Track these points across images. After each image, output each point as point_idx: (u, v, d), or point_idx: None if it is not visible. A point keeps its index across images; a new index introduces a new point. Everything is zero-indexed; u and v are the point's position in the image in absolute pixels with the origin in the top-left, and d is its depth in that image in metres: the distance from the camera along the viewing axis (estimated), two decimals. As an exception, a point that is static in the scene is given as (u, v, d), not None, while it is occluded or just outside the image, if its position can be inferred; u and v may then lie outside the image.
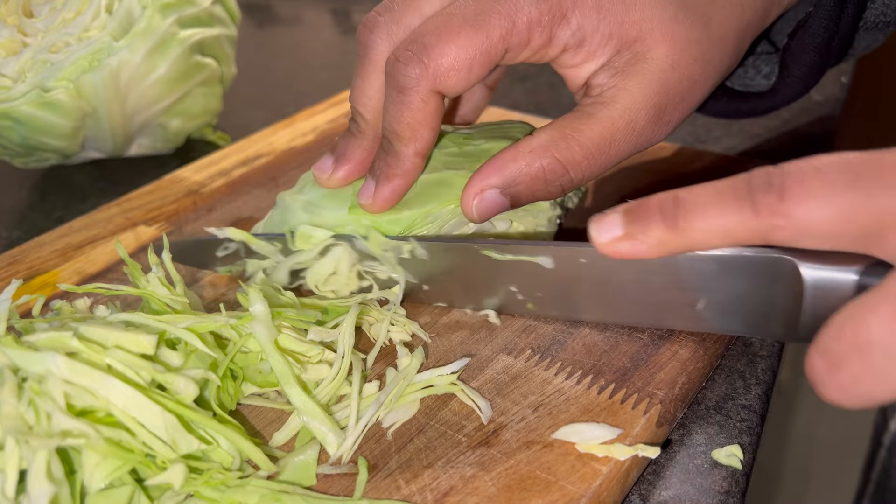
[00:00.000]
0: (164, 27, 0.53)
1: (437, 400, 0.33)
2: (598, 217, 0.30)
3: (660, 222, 0.28)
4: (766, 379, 0.37)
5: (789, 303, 0.30)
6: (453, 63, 0.34)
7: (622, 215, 0.29)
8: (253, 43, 0.89)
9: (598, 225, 0.29)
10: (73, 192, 0.58)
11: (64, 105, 0.52)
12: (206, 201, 0.51)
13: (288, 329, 0.34)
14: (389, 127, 0.36)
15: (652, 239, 0.28)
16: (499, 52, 0.35)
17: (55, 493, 0.26)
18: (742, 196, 0.26)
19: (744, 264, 0.30)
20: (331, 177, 0.39)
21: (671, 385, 0.33)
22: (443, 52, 0.34)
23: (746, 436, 0.33)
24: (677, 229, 0.28)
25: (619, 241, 0.29)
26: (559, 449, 0.30)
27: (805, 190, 0.25)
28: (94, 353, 0.29)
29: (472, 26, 0.34)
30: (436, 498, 0.28)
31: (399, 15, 0.37)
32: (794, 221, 0.25)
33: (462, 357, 0.35)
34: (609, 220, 0.29)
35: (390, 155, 0.36)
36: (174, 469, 0.28)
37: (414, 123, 0.35)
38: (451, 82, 0.34)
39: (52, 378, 0.27)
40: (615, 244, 0.29)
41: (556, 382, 0.34)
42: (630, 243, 0.29)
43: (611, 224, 0.29)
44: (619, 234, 0.29)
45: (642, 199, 0.29)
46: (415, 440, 0.31)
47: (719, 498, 0.30)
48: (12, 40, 0.53)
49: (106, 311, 0.35)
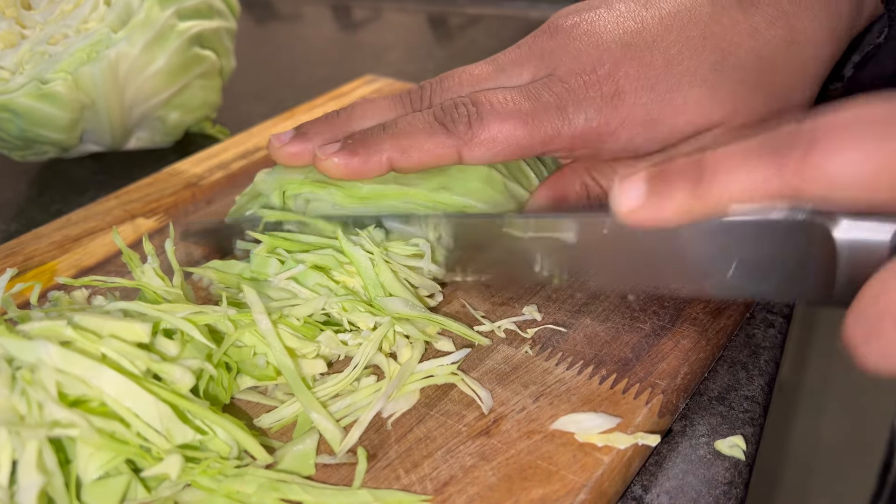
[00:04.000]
0: (162, 19, 0.53)
1: (437, 390, 0.33)
2: (619, 184, 0.28)
3: (683, 187, 0.26)
4: (769, 370, 0.36)
5: (823, 266, 0.28)
6: (489, 139, 0.36)
7: (643, 181, 0.27)
8: (253, 38, 0.89)
9: (618, 192, 0.27)
10: (72, 186, 0.58)
11: (62, 97, 0.51)
12: (205, 194, 0.50)
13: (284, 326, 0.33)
14: (400, 131, 0.36)
15: (675, 205, 0.26)
16: (535, 151, 0.37)
17: (45, 483, 0.25)
18: (768, 153, 0.24)
19: (773, 228, 0.28)
20: (283, 147, 0.38)
21: (673, 375, 0.33)
22: (489, 127, 0.36)
23: (749, 426, 0.33)
24: (700, 193, 0.26)
25: (640, 209, 0.27)
26: (560, 439, 0.30)
27: (833, 143, 0.23)
28: (88, 342, 0.28)
29: (523, 121, 0.36)
30: (436, 487, 0.28)
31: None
32: (823, 178, 0.23)
33: (463, 347, 0.35)
34: (630, 186, 0.27)
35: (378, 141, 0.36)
36: (170, 460, 0.27)
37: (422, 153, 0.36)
38: (477, 153, 0.36)
39: (43, 367, 0.27)
40: (637, 212, 0.27)
41: (557, 372, 0.33)
42: (652, 210, 0.27)
43: (632, 191, 0.27)
44: (640, 202, 0.27)
45: (664, 163, 0.27)
46: (415, 430, 0.31)
47: (722, 489, 0.30)
48: (10, 32, 0.53)
49: (104, 301, 0.35)
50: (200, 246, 0.43)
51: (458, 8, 0.98)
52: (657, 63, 0.36)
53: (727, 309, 0.37)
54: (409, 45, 0.89)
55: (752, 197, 0.25)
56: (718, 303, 0.37)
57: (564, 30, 0.38)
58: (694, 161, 0.26)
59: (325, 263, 0.36)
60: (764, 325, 0.39)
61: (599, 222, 0.32)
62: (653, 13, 0.37)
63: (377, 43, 0.90)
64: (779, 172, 0.24)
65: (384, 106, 0.40)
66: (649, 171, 0.27)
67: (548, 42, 0.38)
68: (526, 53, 0.39)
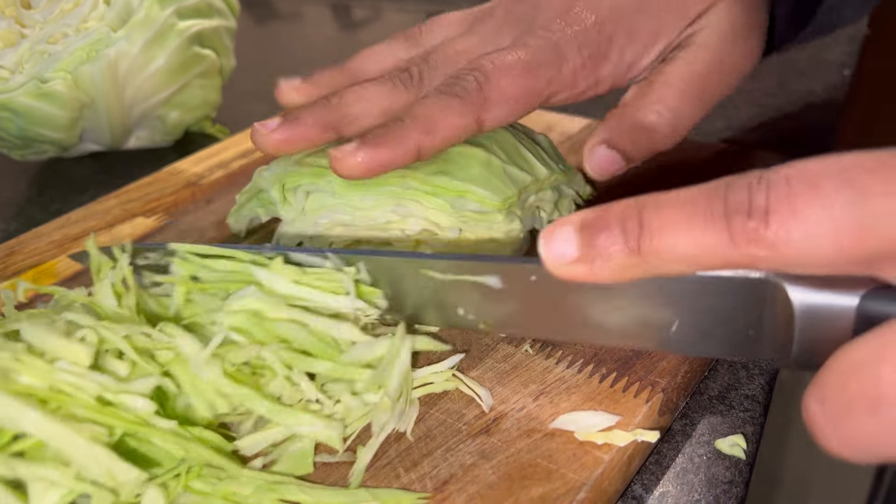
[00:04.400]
0: (162, 18, 0.53)
1: (436, 389, 0.33)
2: (548, 231, 0.25)
3: (622, 244, 0.24)
4: (769, 369, 0.36)
5: (778, 328, 0.25)
6: (501, 95, 0.37)
7: (576, 232, 0.24)
8: (252, 37, 0.89)
9: (547, 241, 0.25)
10: (72, 185, 0.58)
11: (62, 96, 0.51)
12: (205, 193, 0.50)
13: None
14: (419, 115, 0.36)
15: (612, 264, 0.24)
16: (543, 95, 0.38)
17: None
18: (717, 216, 0.22)
19: (722, 286, 0.26)
20: (270, 134, 0.37)
21: (673, 374, 0.33)
22: (498, 84, 0.36)
23: (750, 425, 0.33)
24: (641, 254, 0.23)
25: (572, 263, 0.24)
26: (560, 437, 0.30)
27: (794, 210, 0.20)
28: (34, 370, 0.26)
29: (526, 69, 0.37)
30: (435, 486, 0.28)
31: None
32: (780, 250, 0.21)
33: (459, 352, 0.35)
34: (560, 236, 0.25)
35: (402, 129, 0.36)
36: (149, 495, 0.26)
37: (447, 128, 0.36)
38: (494, 113, 0.37)
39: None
40: (568, 266, 0.25)
41: (558, 371, 0.33)
42: (586, 266, 0.24)
43: (563, 241, 0.25)
44: (573, 255, 0.24)
45: (600, 211, 0.24)
46: (414, 429, 0.31)
47: (722, 487, 0.30)
48: (10, 31, 0.53)
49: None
50: None
51: (458, 6, 0.98)
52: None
53: (727, 308, 0.37)
54: (409, 44, 0.89)
55: (698, 262, 0.23)
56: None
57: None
58: (634, 210, 0.24)
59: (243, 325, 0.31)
60: (764, 323, 0.39)
61: (526, 269, 0.29)
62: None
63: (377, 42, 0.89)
64: (731, 239, 0.22)
65: (375, 91, 0.39)
66: (583, 219, 0.25)
67: (517, 6, 0.40)
68: (501, 19, 0.40)
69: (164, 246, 0.35)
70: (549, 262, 0.25)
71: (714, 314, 0.27)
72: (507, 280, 0.30)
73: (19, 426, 0.25)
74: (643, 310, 0.28)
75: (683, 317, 0.28)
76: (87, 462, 0.26)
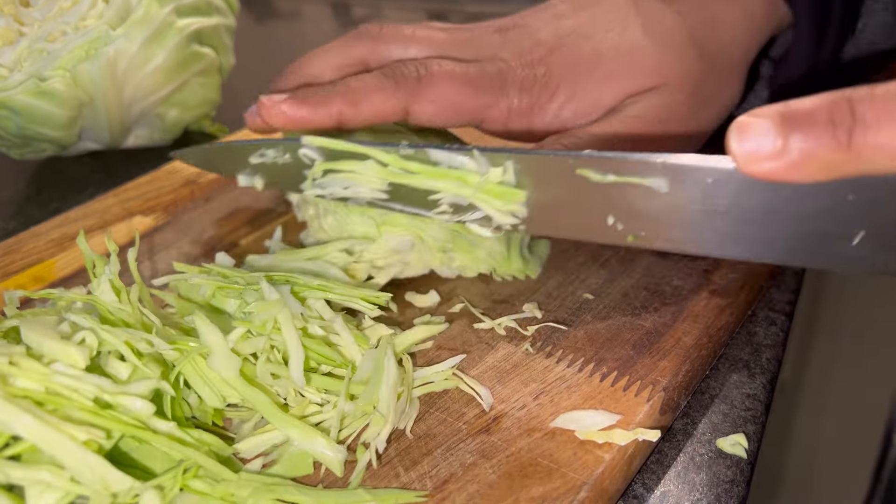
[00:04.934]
0: (161, 16, 0.53)
1: (436, 388, 0.33)
2: (741, 123, 0.23)
3: (831, 138, 0.21)
4: (771, 368, 0.36)
5: None
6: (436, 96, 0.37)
7: (777, 123, 0.22)
8: (252, 36, 0.89)
9: (741, 133, 0.23)
10: (70, 184, 0.57)
11: (60, 94, 0.51)
12: (204, 191, 0.50)
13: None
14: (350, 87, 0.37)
15: (818, 160, 0.22)
16: (475, 117, 0.39)
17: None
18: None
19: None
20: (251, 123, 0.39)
21: (674, 373, 0.33)
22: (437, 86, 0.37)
23: (751, 425, 0.33)
24: (851, 149, 0.21)
25: (770, 158, 0.22)
26: (561, 436, 0.30)
27: None
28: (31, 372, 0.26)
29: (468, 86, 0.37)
30: (435, 485, 0.28)
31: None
32: None
33: (459, 353, 0.35)
34: (757, 128, 0.22)
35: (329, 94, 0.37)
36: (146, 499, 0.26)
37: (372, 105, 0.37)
38: (424, 109, 0.37)
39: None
40: (764, 162, 0.22)
41: (558, 370, 0.33)
42: (785, 162, 0.22)
43: (760, 134, 0.22)
44: (770, 149, 0.22)
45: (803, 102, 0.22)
46: (414, 427, 0.31)
47: (724, 487, 0.30)
48: (9, 29, 0.52)
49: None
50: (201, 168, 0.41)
51: (459, 5, 0.98)
52: (585, 49, 0.39)
53: (729, 307, 0.37)
54: (409, 43, 0.88)
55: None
56: (720, 300, 0.37)
57: (508, 27, 0.41)
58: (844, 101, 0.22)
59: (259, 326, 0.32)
60: (766, 322, 0.39)
61: (703, 170, 0.26)
62: (587, 12, 0.41)
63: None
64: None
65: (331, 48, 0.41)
66: (783, 110, 0.22)
67: (492, 35, 0.41)
68: (475, 37, 0.41)
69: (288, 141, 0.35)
70: (741, 158, 0.23)
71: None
72: (677, 183, 0.27)
73: (13, 431, 0.25)
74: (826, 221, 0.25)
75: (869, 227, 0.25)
76: (80, 469, 0.25)
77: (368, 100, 0.37)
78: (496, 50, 0.40)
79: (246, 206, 0.48)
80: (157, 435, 0.27)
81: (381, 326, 0.35)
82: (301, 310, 0.33)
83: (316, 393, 0.31)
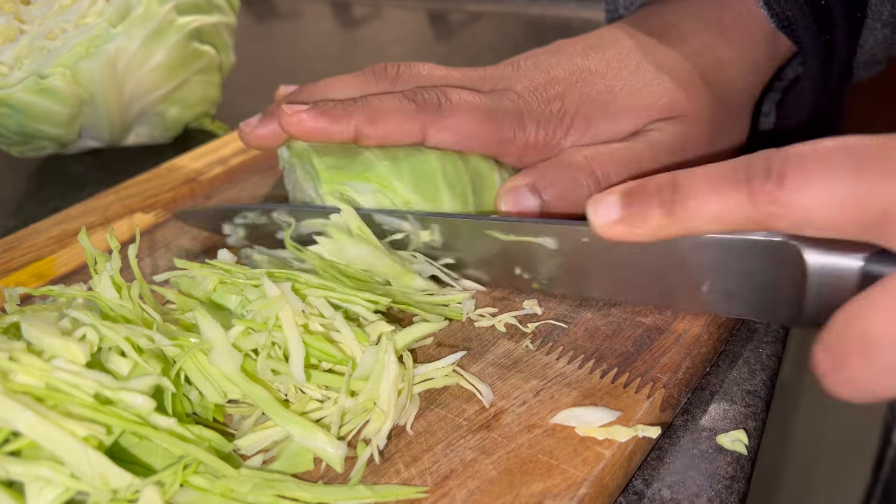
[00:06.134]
0: (161, 14, 0.53)
1: (436, 384, 0.33)
2: (596, 198, 0.29)
3: (657, 207, 0.28)
4: (771, 365, 0.36)
5: (794, 288, 0.29)
6: (455, 124, 0.38)
7: (620, 197, 0.29)
8: (252, 34, 0.89)
9: (595, 206, 0.29)
10: (70, 182, 0.58)
11: (60, 92, 0.51)
12: (204, 189, 0.50)
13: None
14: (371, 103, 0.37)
15: (649, 224, 0.28)
16: (492, 149, 0.40)
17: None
18: (740, 182, 0.26)
19: (746, 248, 0.30)
20: (253, 132, 0.40)
21: (675, 369, 0.33)
22: (456, 114, 0.38)
23: (751, 421, 0.33)
24: (674, 215, 0.27)
25: (616, 224, 0.29)
26: (561, 433, 0.30)
27: (805, 177, 0.24)
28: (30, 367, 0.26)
29: (487, 118, 0.38)
30: (436, 481, 0.28)
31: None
32: (792, 210, 0.25)
33: (459, 350, 0.35)
34: (606, 201, 0.29)
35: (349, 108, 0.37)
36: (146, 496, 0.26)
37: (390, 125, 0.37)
38: (441, 136, 0.38)
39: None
40: (612, 227, 0.29)
41: (558, 367, 0.33)
42: (627, 226, 0.28)
43: (608, 206, 0.29)
44: (615, 217, 0.28)
45: (640, 182, 0.28)
46: (414, 424, 0.31)
47: (724, 483, 0.30)
48: (9, 27, 0.52)
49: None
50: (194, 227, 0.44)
51: (459, 4, 0.98)
52: (598, 86, 0.41)
53: (729, 303, 0.37)
54: (409, 41, 0.89)
55: (724, 221, 0.27)
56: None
57: (523, 65, 0.42)
58: (668, 180, 0.28)
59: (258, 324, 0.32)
60: (766, 319, 0.39)
61: (579, 231, 0.33)
62: (599, 53, 0.42)
63: (377, 39, 0.90)
64: (751, 200, 0.25)
65: (347, 80, 0.41)
66: (624, 188, 0.29)
67: (508, 71, 0.42)
68: (489, 75, 0.42)
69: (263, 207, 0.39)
70: (595, 224, 0.29)
71: (739, 275, 0.31)
72: (561, 241, 0.34)
73: (13, 426, 0.25)
74: (679, 271, 0.32)
75: (713, 277, 0.32)
76: (80, 465, 0.25)
77: (387, 120, 0.37)
78: (510, 82, 0.41)
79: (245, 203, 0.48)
80: (157, 431, 0.27)
81: (381, 323, 0.35)
82: (302, 306, 0.33)
83: (316, 389, 0.31)
